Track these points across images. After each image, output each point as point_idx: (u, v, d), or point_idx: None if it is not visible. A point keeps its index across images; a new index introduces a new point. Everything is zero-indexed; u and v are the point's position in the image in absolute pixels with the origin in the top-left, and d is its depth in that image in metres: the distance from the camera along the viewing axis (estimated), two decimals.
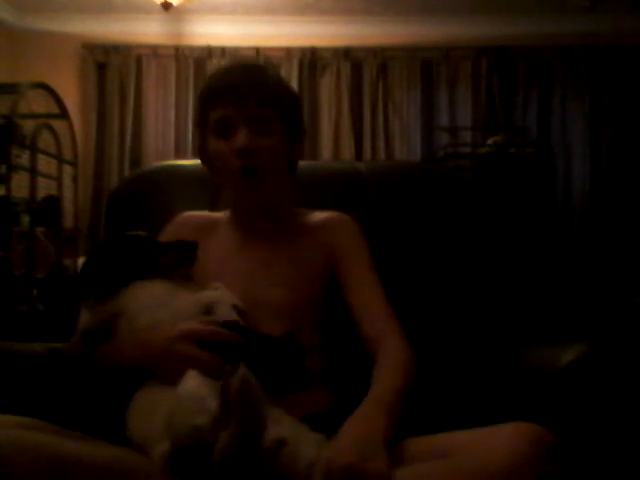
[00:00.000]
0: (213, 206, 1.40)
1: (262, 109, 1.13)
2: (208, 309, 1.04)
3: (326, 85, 4.72)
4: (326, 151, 4.64)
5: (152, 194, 1.48)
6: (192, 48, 4.67)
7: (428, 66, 4.70)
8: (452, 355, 1.36)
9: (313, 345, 1.12)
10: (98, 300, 1.07)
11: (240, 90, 1.12)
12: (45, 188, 3.49)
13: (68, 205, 3.71)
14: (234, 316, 1.03)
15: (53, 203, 3.48)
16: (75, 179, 3.80)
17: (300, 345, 0.97)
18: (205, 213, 1.32)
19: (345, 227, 1.24)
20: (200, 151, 1.22)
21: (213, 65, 4.62)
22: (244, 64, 1.29)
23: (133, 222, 1.43)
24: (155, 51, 4.66)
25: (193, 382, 0.90)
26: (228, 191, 1.23)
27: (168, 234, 1.23)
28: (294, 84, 4.62)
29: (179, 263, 1.10)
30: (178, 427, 0.87)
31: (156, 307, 1.05)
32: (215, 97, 1.15)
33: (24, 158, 3.31)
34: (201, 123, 1.19)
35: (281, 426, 0.89)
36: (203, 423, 0.84)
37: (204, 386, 0.89)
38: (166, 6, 4.09)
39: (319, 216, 1.26)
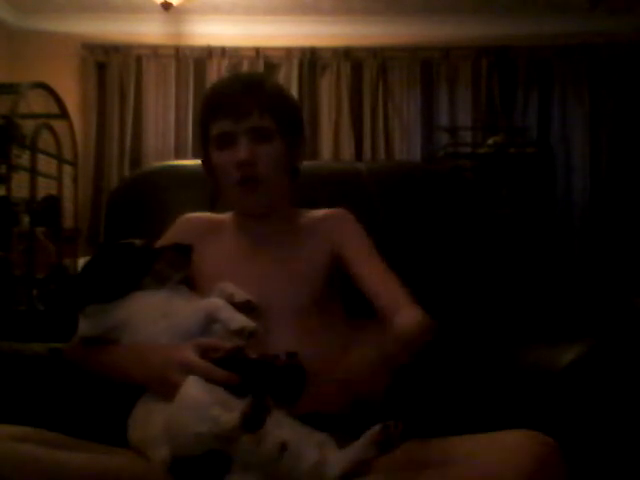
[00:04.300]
0: (213, 206, 1.40)
1: (261, 120, 1.14)
2: (209, 318, 1.03)
3: (326, 85, 4.72)
4: (326, 151, 4.64)
5: (152, 194, 1.48)
6: (192, 48, 4.67)
7: (428, 66, 4.70)
8: (452, 355, 1.36)
9: (319, 345, 1.12)
10: (96, 309, 1.07)
11: (240, 105, 1.14)
12: (45, 188, 3.49)
13: (68, 205, 3.71)
14: (237, 318, 1.01)
15: (53, 203, 3.48)
16: (75, 179, 3.80)
17: (300, 367, 0.96)
18: (208, 215, 1.32)
19: (342, 220, 1.25)
20: (204, 163, 1.24)
21: (213, 65, 4.63)
22: (242, 76, 1.30)
23: (133, 222, 1.43)
24: (155, 51, 4.65)
25: (194, 389, 0.90)
26: (230, 200, 1.24)
27: (170, 236, 1.24)
28: (294, 84, 4.62)
29: (175, 267, 1.10)
30: (179, 434, 0.86)
31: (156, 319, 1.04)
32: (215, 112, 1.16)
33: (24, 158, 3.31)
34: (202, 136, 1.21)
35: (282, 429, 0.89)
36: (206, 431, 0.84)
37: (205, 393, 0.89)
38: (166, 6, 4.09)
39: (317, 214, 1.27)
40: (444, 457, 0.86)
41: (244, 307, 1.05)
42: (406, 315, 1.11)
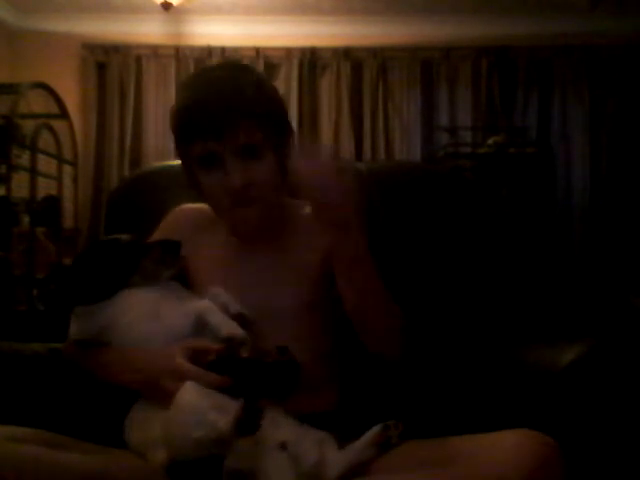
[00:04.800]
0: None
1: (250, 136, 1.02)
2: (199, 321, 1.01)
3: (326, 85, 4.71)
4: None
5: (152, 194, 1.47)
6: (192, 48, 4.67)
7: (428, 66, 4.70)
8: (452, 355, 1.36)
9: (317, 346, 1.12)
10: (84, 309, 1.05)
11: (223, 123, 1.00)
12: (45, 188, 3.50)
13: (68, 205, 3.72)
14: (228, 324, 1.00)
15: (53, 203, 3.49)
16: (75, 179, 3.81)
17: (293, 362, 0.96)
18: (204, 207, 1.22)
19: None
20: (187, 179, 1.13)
21: None
22: (219, 82, 1.05)
23: (133, 222, 1.43)
24: (155, 51, 4.65)
25: (191, 394, 0.90)
26: (222, 220, 1.15)
27: (164, 230, 1.21)
28: (294, 84, 4.62)
29: (163, 264, 1.07)
30: (178, 439, 0.87)
31: (146, 320, 1.03)
32: (194, 132, 1.03)
33: (24, 158, 3.31)
34: (181, 154, 1.10)
35: (281, 429, 0.89)
36: (204, 436, 0.84)
37: (202, 398, 0.89)
38: (166, 6, 4.09)
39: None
40: (444, 457, 0.86)
41: (236, 319, 1.03)
42: None
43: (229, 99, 1.01)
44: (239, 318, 1.04)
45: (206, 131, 1.02)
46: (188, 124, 1.04)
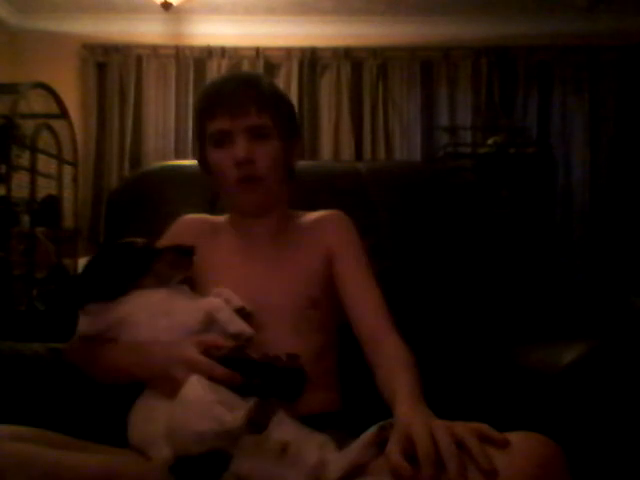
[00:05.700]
0: (213, 206, 1.40)
1: (259, 118, 1.14)
2: (208, 317, 1.03)
3: (326, 85, 4.72)
4: (326, 151, 4.64)
5: (152, 194, 1.48)
6: (192, 48, 4.67)
7: (428, 66, 4.70)
8: (452, 355, 1.36)
9: (318, 345, 1.13)
10: (96, 307, 1.07)
11: (236, 102, 1.13)
12: (45, 188, 3.49)
13: (68, 205, 3.71)
14: (236, 322, 1.02)
15: (53, 203, 3.48)
16: (75, 179, 3.80)
17: (301, 370, 0.97)
18: (206, 216, 1.32)
19: (339, 224, 1.24)
20: (200, 161, 1.24)
21: (213, 65, 4.63)
22: (238, 74, 1.28)
23: (133, 222, 1.43)
24: (155, 51, 4.65)
25: (197, 388, 0.90)
26: (229, 199, 1.24)
27: (169, 237, 1.24)
28: (294, 84, 4.62)
29: (176, 268, 1.10)
30: (181, 433, 0.86)
31: (156, 316, 1.04)
32: (211, 110, 1.16)
33: (24, 158, 3.31)
34: (199, 135, 1.21)
35: (283, 429, 0.89)
36: (209, 429, 0.84)
37: (208, 392, 0.89)
38: (166, 6, 4.09)
39: (314, 216, 1.27)
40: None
41: (238, 313, 1.05)
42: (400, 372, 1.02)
43: (246, 84, 1.16)
44: (240, 311, 1.06)
45: (222, 108, 1.14)
46: (208, 101, 1.17)
